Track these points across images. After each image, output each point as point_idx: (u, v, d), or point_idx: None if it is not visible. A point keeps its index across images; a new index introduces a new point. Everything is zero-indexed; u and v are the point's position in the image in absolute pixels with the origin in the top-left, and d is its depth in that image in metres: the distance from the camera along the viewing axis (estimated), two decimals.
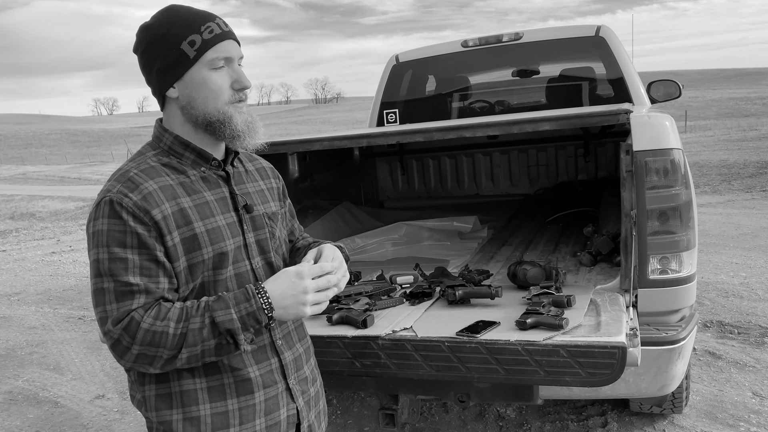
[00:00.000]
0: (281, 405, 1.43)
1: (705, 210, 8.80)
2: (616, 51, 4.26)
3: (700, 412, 3.19)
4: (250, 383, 1.38)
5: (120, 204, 1.26)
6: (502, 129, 2.36)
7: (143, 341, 1.23)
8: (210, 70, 1.33)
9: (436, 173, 5.09)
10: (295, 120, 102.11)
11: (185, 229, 1.31)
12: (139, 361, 1.26)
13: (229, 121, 1.35)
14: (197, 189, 1.37)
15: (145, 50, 1.36)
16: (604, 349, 1.72)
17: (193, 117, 1.35)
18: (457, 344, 1.86)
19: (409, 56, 4.86)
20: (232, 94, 1.35)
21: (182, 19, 1.33)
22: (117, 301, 1.25)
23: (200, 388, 1.35)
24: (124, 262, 1.25)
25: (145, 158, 1.37)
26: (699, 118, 40.57)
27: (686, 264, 2.21)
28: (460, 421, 3.33)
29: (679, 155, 2.18)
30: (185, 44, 1.31)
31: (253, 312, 1.27)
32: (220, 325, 1.24)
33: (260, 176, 1.56)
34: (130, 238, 1.26)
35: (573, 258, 2.88)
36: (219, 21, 1.36)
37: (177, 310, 1.26)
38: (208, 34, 1.32)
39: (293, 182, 3.73)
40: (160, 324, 1.23)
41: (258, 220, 1.46)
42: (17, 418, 3.74)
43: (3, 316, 6.00)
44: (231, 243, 1.38)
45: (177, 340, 1.23)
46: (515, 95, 4.99)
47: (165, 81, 1.35)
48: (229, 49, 1.35)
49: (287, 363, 1.45)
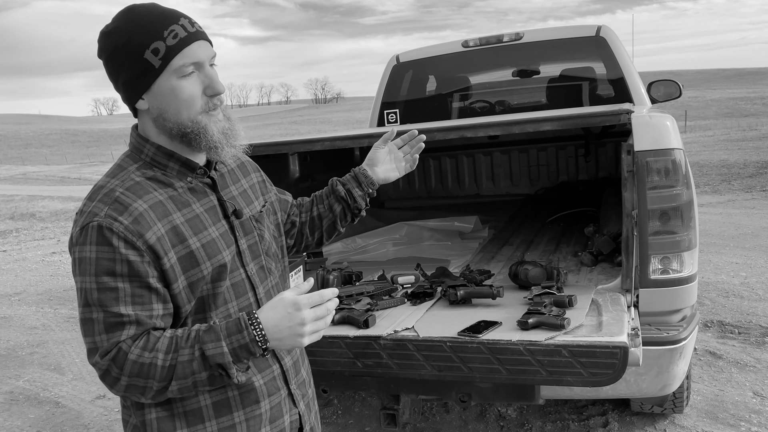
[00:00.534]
0: (284, 411, 1.41)
1: (705, 210, 8.80)
2: (616, 51, 4.26)
3: (701, 412, 3.19)
4: (255, 393, 1.34)
5: (110, 229, 1.18)
6: (504, 129, 2.36)
7: (131, 372, 1.18)
8: (179, 78, 1.23)
9: (437, 173, 5.09)
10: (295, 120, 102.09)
11: (180, 247, 1.25)
12: (130, 391, 1.21)
13: (204, 131, 1.26)
14: (186, 201, 1.30)
15: (107, 60, 1.26)
16: (606, 349, 1.72)
17: (167, 129, 1.27)
18: (458, 344, 1.87)
19: (409, 56, 4.85)
20: (205, 102, 1.26)
21: (143, 24, 1.22)
22: (106, 332, 1.19)
23: (205, 405, 1.30)
24: (114, 292, 1.19)
25: (128, 173, 1.28)
26: (699, 118, 40.57)
27: (687, 264, 2.21)
28: (461, 421, 3.33)
29: (680, 155, 2.18)
30: (149, 53, 1.20)
31: (246, 344, 1.19)
32: (210, 359, 1.18)
33: (242, 173, 1.50)
34: (120, 266, 1.19)
35: (574, 258, 2.88)
36: (184, 22, 1.24)
37: (166, 341, 1.20)
38: (173, 39, 1.21)
39: (294, 182, 3.73)
40: (148, 355, 1.18)
41: (246, 225, 1.40)
42: (18, 418, 3.74)
43: (3, 317, 6.00)
44: (227, 253, 1.32)
45: (166, 372, 1.18)
46: (516, 95, 4.99)
47: (133, 93, 1.26)
48: (198, 53, 1.24)
49: (288, 368, 1.43)
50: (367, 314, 2.05)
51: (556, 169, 4.85)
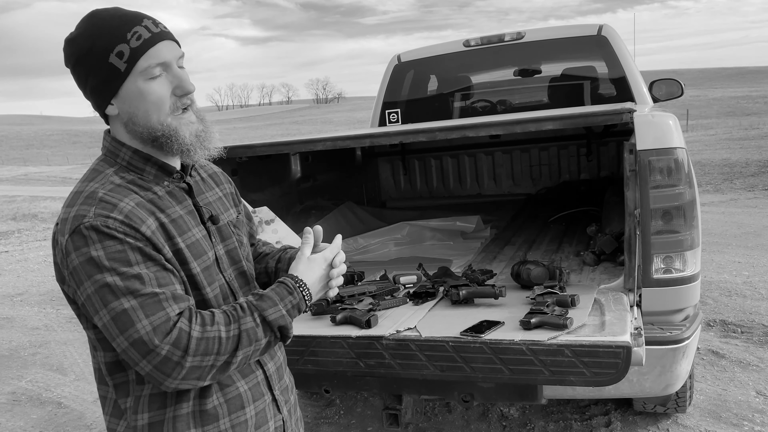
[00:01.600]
0: (269, 417, 1.40)
1: (707, 209, 8.79)
2: (618, 50, 4.25)
3: (704, 412, 3.19)
4: (240, 399, 1.34)
5: (106, 226, 1.15)
6: (505, 129, 2.35)
7: (197, 351, 1.15)
8: (145, 80, 1.20)
9: (439, 173, 5.09)
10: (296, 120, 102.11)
11: (169, 243, 1.24)
12: (189, 377, 1.17)
13: (175, 134, 1.24)
14: (167, 204, 1.28)
15: (74, 66, 1.24)
16: (609, 348, 1.72)
17: (138, 133, 1.25)
18: (461, 344, 1.86)
19: (410, 56, 4.85)
20: (174, 102, 1.24)
21: (106, 28, 1.19)
22: (148, 316, 1.13)
23: (191, 411, 1.28)
24: (137, 278, 1.14)
25: (106, 176, 1.25)
26: (701, 117, 40.51)
27: (690, 263, 2.20)
28: (464, 421, 3.33)
29: (683, 154, 2.17)
30: (113, 57, 1.18)
31: (297, 304, 1.30)
32: (273, 323, 1.25)
33: (215, 183, 1.47)
34: (133, 255, 1.15)
35: (576, 257, 2.87)
36: (147, 22, 1.22)
37: (221, 315, 1.21)
38: (136, 41, 1.19)
39: (296, 182, 3.72)
40: (211, 329, 1.17)
41: (224, 231, 1.39)
42: (21, 418, 3.75)
43: (6, 317, 6.01)
44: (209, 256, 1.32)
45: (231, 342, 1.19)
46: (517, 95, 4.99)
47: (101, 99, 1.24)
48: (164, 53, 1.22)
49: (271, 374, 1.42)
50: (370, 314, 2.05)
51: (558, 169, 4.84)
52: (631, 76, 4.18)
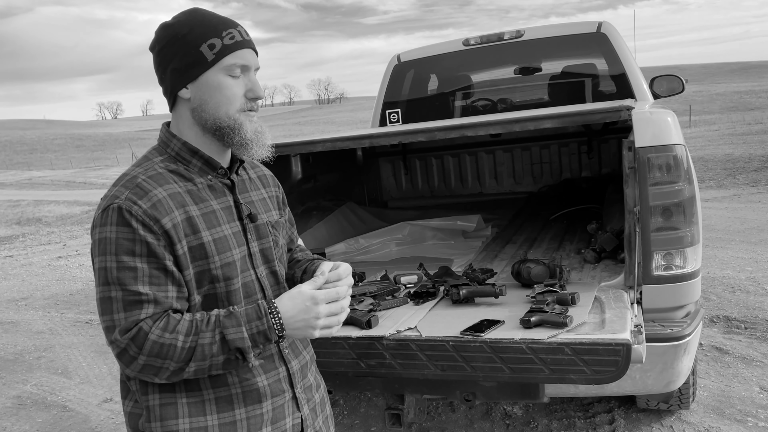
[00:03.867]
0: (287, 414, 1.42)
1: (710, 205, 8.77)
2: (617, 47, 4.25)
3: (708, 408, 3.18)
4: (258, 393, 1.37)
5: (129, 212, 1.24)
6: (504, 127, 2.35)
7: (150, 352, 1.22)
8: (226, 75, 1.32)
9: (440, 172, 5.09)
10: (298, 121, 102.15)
11: (192, 237, 1.30)
12: (144, 372, 1.25)
13: (239, 128, 1.33)
14: (204, 197, 1.36)
15: (162, 48, 1.34)
16: (609, 346, 1.72)
17: (203, 120, 1.34)
18: (461, 343, 1.86)
19: (410, 56, 4.86)
20: (244, 103, 1.34)
21: (205, 22, 1.33)
22: (125, 311, 1.23)
23: (208, 399, 1.33)
24: (133, 271, 1.23)
25: (152, 164, 1.35)
26: (703, 112, 40.39)
27: (690, 260, 2.20)
28: (467, 420, 3.33)
29: (682, 151, 2.17)
30: (205, 46, 1.30)
31: (264, 331, 1.26)
32: (231, 343, 1.23)
33: (262, 184, 1.55)
34: (139, 247, 1.24)
35: (577, 255, 2.87)
36: (241, 29, 1.36)
37: (186, 323, 1.25)
38: (229, 39, 1.32)
39: (297, 183, 3.73)
40: (169, 336, 1.22)
41: (262, 229, 1.45)
42: (26, 422, 3.76)
43: (11, 321, 6.03)
44: (237, 252, 1.37)
45: (186, 353, 1.23)
46: (518, 93, 4.99)
47: (179, 81, 1.33)
48: (248, 58, 1.34)
49: (294, 372, 1.45)
50: (370, 315, 2.05)
51: (559, 167, 4.84)
52: (631, 73, 4.17)
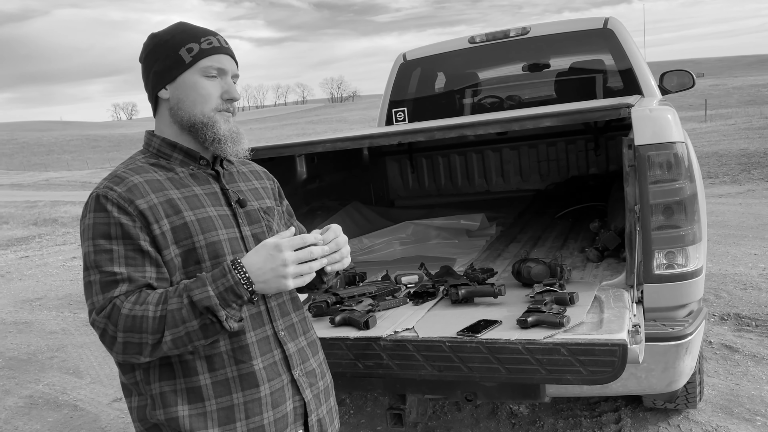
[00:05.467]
0: (287, 397, 1.43)
1: (724, 200, 8.66)
2: (624, 43, 4.21)
3: (716, 407, 3.15)
4: (255, 376, 1.38)
5: (105, 197, 1.31)
6: (504, 126, 2.34)
7: (125, 327, 1.24)
8: (202, 76, 1.40)
9: (446, 171, 5.08)
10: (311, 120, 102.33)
11: (175, 218, 1.34)
12: (128, 351, 1.27)
13: (212, 125, 1.40)
14: (186, 184, 1.41)
15: (147, 55, 1.44)
16: (605, 346, 1.71)
17: (179, 118, 1.41)
18: (458, 344, 1.86)
19: (416, 54, 4.85)
20: (220, 103, 1.41)
21: (187, 31, 1.43)
22: (102, 292, 1.28)
23: (205, 384, 1.35)
24: (108, 253, 1.29)
25: (133, 160, 1.44)
26: (720, 106, 39.82)
27: (692, 258, 2.18)
28: (473, 419, 3.33)
29: (683, 148, 2.15)
30: (183, 50, 1.39)
31: (231, 287, 1.23)
32: (198, 303, 1.22)
33: (254, 177, 1.60)
34: (114, 229, 1.30)
35: (580, 254, 2.85)
36: (220, 38, 1.44)
37: (157, 295, 1.27)
38: (207, 45, 1.40)
39: (301, 184, 3.74)
40: (139, 308, 1.24)
41: (253, 215, 1.48)
42: (37, 422, 3.82)
43: (25, 322, 6.12)
44: (224, 233, 1.40)
45: (157, 323, 1.23)
46: (525, 90, 4.96)
47: (159, 82, 1.41)
48: (224, 62, 1.42)
49: (291, 354, 1.45)
50: (368, 315, 2.05)
51: (566, 164, 4.80)
52: (638, 69, 4.13)
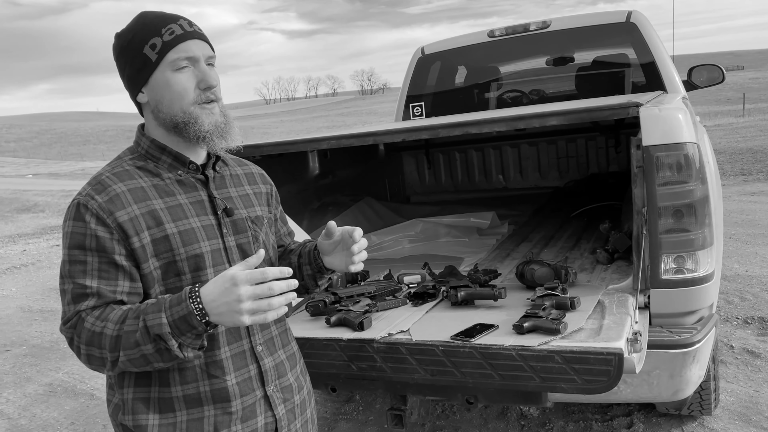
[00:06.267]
0: (258, 413, 1.41)
1: (756, 198, 8.40)
2: (648, 37, 4.09)
3: (733, 414, 3.05)
4: (227, 392, 1.36)
5: (85, 206, 1.28)
6: (508, 125, 2.29)
7: (87, 341, 1.24)
8: (173, 71, 1.33)
9: (463, 167, 5.01)
10: (341, 112, 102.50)
11: (156, 230, 1.31)
12: (92, 363, 1.27)
13: (194, 121, 1.34)
14: (171, 191, 1.36)
15: (116, 59, 1.39)
16: (600, 355, 1.65)
17: (161, 120, 1.36)
18: (451, 348, 1.82)
19: (434, 48, 4.80)
20: (198, 95, 1.34)
21: (147, 24, 1.34)
22: (73, 302, 1.27)
23: (176, 396, 1.34)
24: (82, 264, 1.27)
25: (121, 162, 1.39)
26: (760, 100, 38.60)
27: (703, 263, 2.10)
28: (482, 420, 3.29)
29: (694, 149, 2.07)
30: (147, 48, 1.32)
31: (185, 316, 1.18)
32: (150, 330, 1.19)
33: (247, 181, 1.55)
34: (89, 241, 1.27)
35: (591, 255, 2.78)
36: (183, 22, 1.35)
37: (119, 312, 1.24)
38: (169, 35, 1.32)
39: (314, 179, 3.72)
40: (100, 324, 1.23)
41: (240, 224, 1.44)
42: (55, 409, 3.90)
43: (50, 310, 6.25)
44: (206, 245, 1.36)
45: (114, 341, 1.22)
46: (548, 84, 4.86)
47: (134, 87, 1.37)
48: (193, 49, 1.34)
49: (267, 369, 1.43)
50: (363, 316, 2.03)
51: (586, 161, 4.70)
52: (661, 64, 4.01)
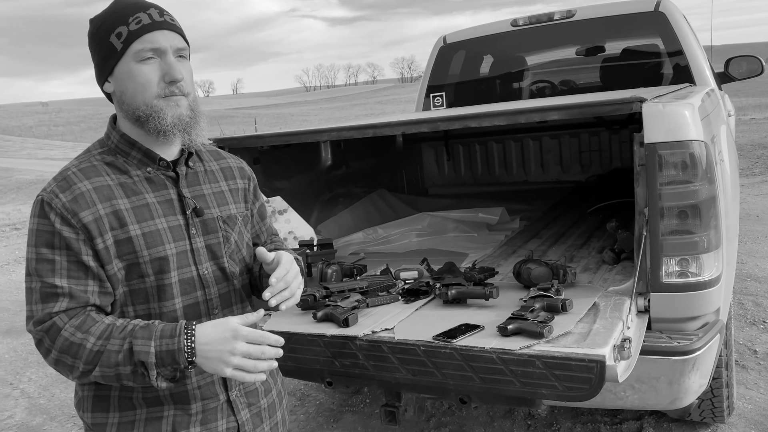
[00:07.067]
0: (219, 417, 1.39)
1: None
2: (677, 27, 3.93)
3: (750, 422, 2.94)
4: (187, 395, 1.35)
5: (49, 204, 1.25)
6: (509, 119, 2.22)
7: (62, 349, 1.22)
8: (137, 62, 1.28)
9: (483, 159, 4.92)
10: (380, 100, 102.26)
11: (120, 231, 1.28)
12: (59, 367, 1.25)
13: (155, 115, 1.29)
14: (138, 190, 1.33)
15: (88, 45, 1.36)
16: (582, 362, 1.58)
17: (126, 112, 1.32)
18: (432, 349, 1.78)
19: (457, 37, 4.72)
20: (162, 88, 1.29)
21: (116, 11, 1.30)
22: (42, 302, 1.25)
23: (136, 397, 1.34)
24: (50, 263, 1.25)
25: (89, 156, 1.35)
26: None
27: (707, 267, 2.00)
28: (488, 417, 3.24)
29: (701, 148, 1.96)
30: (113, 36, 1.28)
31: (173, 351, 1.19)
32: (136, 355, 1.19)
33: (224, 176, 1.49)
34: (57, 240, 1.25)
35: (599, 255, 2.69)
36: (153, 11, 1.30)
37: (102, 326, 1.23)
38: (135, 25, 1.27)
39: (326, 170, 3.70)
40: (80, 336, 1.22)
41: (210, 224, 1.40)
42: (72, 391, 4.00)
43: None
44: (172, 247, 1.33)
45: (93, 356, 1.21)
46: (574, 75, 4.73)
47: (101, 75, 1.34)
48: (159, 40, 1.28)
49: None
50: (349, 312, 2.00)
51: (609, 155, 4.55)
52: (690, 55, 3.86)
